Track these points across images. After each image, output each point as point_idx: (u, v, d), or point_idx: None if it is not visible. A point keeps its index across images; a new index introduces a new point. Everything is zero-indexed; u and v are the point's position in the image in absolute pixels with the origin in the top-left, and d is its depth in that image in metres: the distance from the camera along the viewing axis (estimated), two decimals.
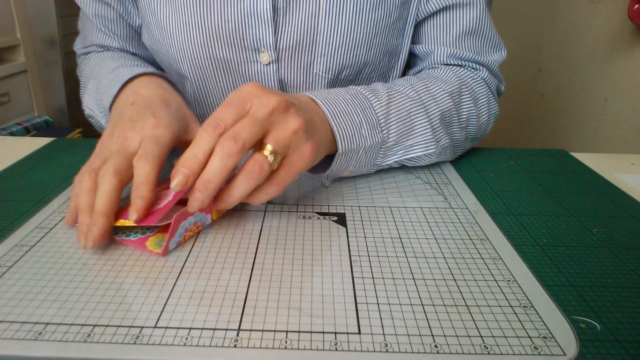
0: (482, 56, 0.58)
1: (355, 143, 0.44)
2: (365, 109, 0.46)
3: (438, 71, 0.56)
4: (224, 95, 0.59)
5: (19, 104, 1.55)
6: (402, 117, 0.47)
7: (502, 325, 0.29)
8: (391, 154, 0.48)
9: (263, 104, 0.36)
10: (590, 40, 1.29)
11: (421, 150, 0.49)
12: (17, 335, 0.28)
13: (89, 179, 0.38)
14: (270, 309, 0.30)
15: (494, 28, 0.59)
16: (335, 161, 0.44)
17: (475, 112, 0.54)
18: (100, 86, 0.52)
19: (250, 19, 0.52)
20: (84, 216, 0.37)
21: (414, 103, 0.48)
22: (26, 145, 0.59)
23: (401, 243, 0.38)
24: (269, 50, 0.54)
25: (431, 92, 0.50)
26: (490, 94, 0.57)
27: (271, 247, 0.37)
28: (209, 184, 0.34)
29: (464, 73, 0.56)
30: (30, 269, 0.34)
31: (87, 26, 0.62)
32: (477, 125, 0.55)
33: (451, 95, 0.51)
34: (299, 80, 0.57)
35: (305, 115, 0.39)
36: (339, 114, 0.44)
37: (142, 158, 0.38)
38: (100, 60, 0.57)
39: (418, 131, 0.48)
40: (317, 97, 0.44)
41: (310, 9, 0.52)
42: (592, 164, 0.56)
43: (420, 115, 0.48)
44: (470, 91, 0.54)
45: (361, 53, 0.55)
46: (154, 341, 0.28)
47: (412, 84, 0.51)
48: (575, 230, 0.41)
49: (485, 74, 0.58)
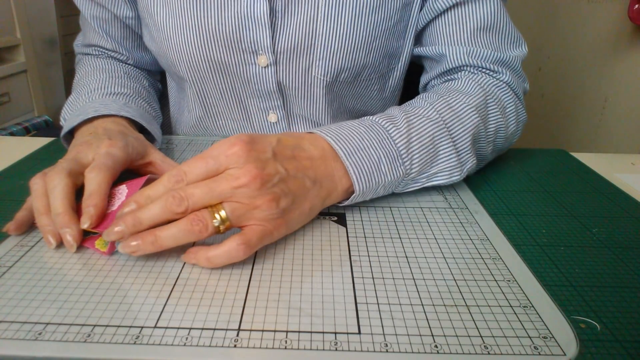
0: (502, 52, 0.53)
1: (374, 181, 0.40)
2: (382, 140, 0.41)
3: (459, 83, 0.51)
4: (224, 97, 0.59)
5: (19, 104, 1.55)
6: (425, 144, 0.43)
7: (502, 325, 0.29)
8: (413, 183, 0.44)
9: (235, 176, 0.33)
10: (590, 40, 1.29)
11: (445, 178, 0.45)
12: (17, 335, 0.28)
13: (41, 181, 0.38)
14: (270, 309, 0.30)
15: (511, 23, 0.55)
16: (351, 200, 0.41)
17: (503, 123, 0.50)
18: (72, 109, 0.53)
19: (248, 22, 0.52)
20: (43, 218, 0.37)
21: (437, 126, 0.44)
22: (26, 145, 0.59)
23: (401, 243, 0.38)
24: (267, 53, 0.53)
25: (454, 110, 0.46)
26: (517, 100, 0.53)
27: (271, 247, 0.37)
28: (139, 225, 0.33)
29: (486, 81, 0.52)
30: (30, 269, 0.34)
31: (85, 25, 0.63)
32: (505, 136, 0.51)
33: (477, 109, 0.47)
34: (298, 83, 0.56)
35: (287, 186, 0.35)
36: (354, 151, 0.40)
37: (94, 169, 0.39)
38: (86, 74, 0.59)
39: (442, 158, 0.44)
40: (328, 134, 0.40)
41: (308, 12, 0.52)
42: (592, 164, 0.56)
43: (445, 139, 0.44)
44: (496, 101, 0.50)
45: (360, 56, 0.54)
46: (154, 341, 0.28)
47: (432, 102, 0.46)
48: (575, 230, 0.41)
49: (508, 77, 0.53)
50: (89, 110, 0.49)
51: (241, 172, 0.34)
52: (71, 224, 0.36)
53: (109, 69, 0.59)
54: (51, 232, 0.36)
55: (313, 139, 0.40)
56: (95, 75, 0.58)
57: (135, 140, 0.46)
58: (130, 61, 0.64)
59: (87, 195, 0.37)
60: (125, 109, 0.51)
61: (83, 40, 0.65)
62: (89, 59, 0.63)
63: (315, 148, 0.39)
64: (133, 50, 0.63)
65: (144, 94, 0.58)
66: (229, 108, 0.60)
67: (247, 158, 0.34)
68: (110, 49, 0.62)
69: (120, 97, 0.54)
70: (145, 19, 0.57)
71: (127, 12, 0.59)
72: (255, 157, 0.34)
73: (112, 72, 0.59)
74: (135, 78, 0.61)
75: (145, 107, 0.56)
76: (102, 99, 0.52)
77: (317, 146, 0.40)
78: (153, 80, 0.68)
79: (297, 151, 0.38)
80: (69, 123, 0.49)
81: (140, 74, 0.64)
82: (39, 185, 0.38)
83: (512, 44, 0.55)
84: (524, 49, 0.56)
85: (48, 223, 0.36)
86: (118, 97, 0.54)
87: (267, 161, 0.35)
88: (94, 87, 0.55)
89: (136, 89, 0.58)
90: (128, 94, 0.55)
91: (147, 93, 0.60)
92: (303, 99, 0.58)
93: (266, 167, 0.35)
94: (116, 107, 0.50)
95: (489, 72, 0.54)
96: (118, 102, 0.52)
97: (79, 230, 0.36)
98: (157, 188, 0.35)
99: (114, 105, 0.51)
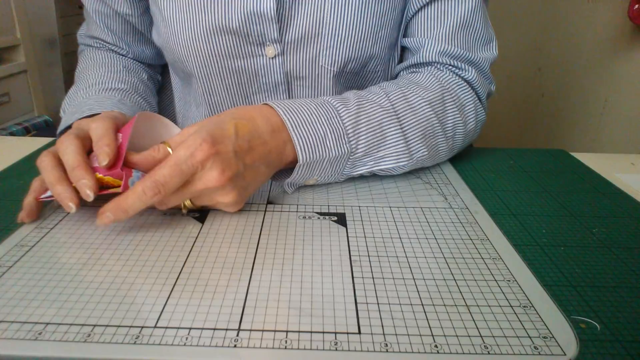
0: (472, 53, 0.55)
1: (318, 154, 0.43)
2: (331, 118, 0.44)
3: (419, 76, 0.53)
4: (231, 91, 0.59)
5: (19, 104, 1.55)
6: (373, 127, 0.46)
7: (502, 325, 0.29)
8: (360, 165, 0.47)
9: (203, 181, 0.38)
10: (590, 40, 1.29)
11: (392, 162, 0.47)
12: (17, 335, 0.28)
13: (48, 157, 0.40)
14: (270, 309, 0.30)
15: (487, 23, 0.56)
16: (296, 171, 0.44)
17: (461, 120, 0.52)
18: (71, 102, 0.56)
19: (255, 17, 0.52)
20: (57, 187, 0.38)
21: (387, 113, 0.47)
22: (26, 145, 0.59)
23: (401, 243, 0.38)
24: (274, 44, 0.54)
25: (409, 101, 0.48)
26: (477, 99, 0.54)
27: (271, 247, 0.37)
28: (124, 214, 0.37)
29: (447, 78, 0.53)
30: (30, 269, 0.34)
31: (88, 17, 0.65)
32: (464, 133, 0.53)
33: (431, 103, 0.49)
34: (305, 73, 0.57)
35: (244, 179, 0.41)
36: (301, 124, 0.43)
37: (97, 120, 0.41)
38: (86, 67, 0.61)
39: (390, 143, 0.47)
40: (279, 106, 0.44)
41: (316, 2, 0.52)
42: (592, 164, 0.56)
43: (393, 126, 0.47)
44: (454, 98, 0.51)
45: (367, 45, 0.55)
46: (154, 341, 0.28)
47: (388, 92, 0.49)
48: (575, 230, 0.41)
49: (473, 76, 0.54)
50: (84, 109, 0.51)
51: (208, 178, 0.38)
52: (87, 174, 0.37)
53: (109, 63, 0.61)
54: (68, 198, 0.37)
55: (265, 112, 0.43)
56: (94, 69, 0.60)
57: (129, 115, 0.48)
58: (130, 55, 0.65)
59: (97, 139, 0.39)
60: (119, 106, 0.52)
61: (86, 31, 0.66)
62: (91, 51, 0.65)
63: (267, 123, 0.42)
64: (133, 44, 0.65)
65: (140, 89, 0.60)
66: (234, 104, 0.61)
67: (213, 163, 0.38)
68: (111, 42, 0.64)
69: (117, 93, 0.56)
70: (155, 14, 0.58)
71: (127, 10, 0.61)
72: (220, 160, 0.38)
73: (111, 66, 0.61)
74: (135, 72, 0.63)
75: (140, 103, 0.58)
76: (97, 95, 0.54)
77: (269, 120, 0.43)
78: (153, 72, 0.69)
79: (253, 140, 0.41)
80: (65, 120, 0.52)
81: (140, 67, 0.66)
82: (47, 161, 0.39)
83: (484, 45, 0.56)
84: (495, 51, 0.57)
85: (63, 190, 0.38)
86: (114, 93, 0.56)
87: (230, 161, 0.39)
88: (92, 81, 0.57)
89: (133, 83, 0.60)
90: (125, 89, 0.57)
91: (144, 87, 0.62)
92: (310, 92, 0.58)
93: (229, 169, 0.39)
94: (110, 104, 0.52)
95: (454, 68, 0.55)
96: (113, 98, 0.54)
97: (95, 180, 0.37)
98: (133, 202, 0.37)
99: (108, 102, 0.53)
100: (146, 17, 0.62)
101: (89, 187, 0.37)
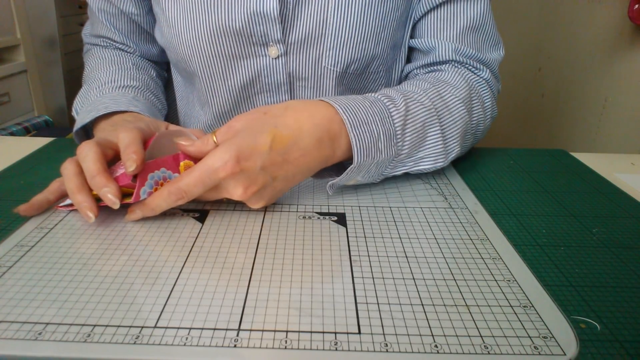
0: (483, 53, 0.57)
1: (371, 156, 0.42)
2: (384, 118, 0.43)
3: (446, 75, 0.54)
4: (233, 91, 0.59)
5: (19, 104, 1.55)
6: (417, 128, 0.45)
7: (502, 325, 0.29)
8: (401, 165, 0.47)
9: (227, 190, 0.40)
10: (590, 40, 1.29)
11: (430, 163, 0.47)
12: (17, 335, 0.28)
13: (71, 164, 0.40)
14: (270, 309, 0.30)
15: (495, 25, 0.58)
16: (346, 173, 0.43)
17: (483, 117, 0.53)
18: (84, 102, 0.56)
19: (258, 18, 0.52)
20: (77, 196, 0.39)
21: (429, 113, 0.46)
22: (26, 145, 0.59)
23: (401, 243, 0.38)
24: (278, 44, 0.54)
25: (444, 99, 0.48)
26: (492, 97, 0.56)
27: (271, 247, 0.38)
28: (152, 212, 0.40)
29: (470, 77, 0.54)
30: (30, 269, 0.34)
31: (93, 16, 0.64)
32: (483, 129, 0.55)
33: (464, 102, 0.50)
34: (308, 73, 0.57)
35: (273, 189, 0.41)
36: (359, 124, 0.42)
37: (124, 130, 0.41)
38: (96, 67, 0.61)
39: (430, 144, 0.46)
40: (336, 103, 0.42)
41: (319, 3, 0.52)
42: (592, 164, 0.56)
43: (434, 126, 0.46)
44: (478, 96, 0.53)
45: (370, 46, 0.55)
46: (154, 341, 0.28)
47: (425, 90, 0.48)
48: (575, 230, 0.41)
49: (487, 75, 0.56)
50: (100, 107, 0.51)
51: (231, 192, 0.40)
52: (109, 182, 0.38)
53: (118, 61, 0.61)
54: (88, 207, 0.38)
55: (319, 117, 0.41)
56: (105, 67, 0.60)
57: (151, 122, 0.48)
58: (137, 53, 0.65)
59: (124, 147, 0.40)
60: (134, 103, 0.53)
61: (91, 30, 0.66)
62: (98, 50, 0.65)
63: (315, 132, 0.41)
64: (140, 43, 0.65)
65: (151, 86, 0.61)
66: (237, 106, 0.61)
67: (237, 181, 0.39)
68: (118, 41, 0.64)
69: (130, 90, 0.56)
70: (158, 14, 0.58)
71: (133, 9, 0.61)
72: (244, 177, 0.39)
73: (121, 64, 0.61)
74: (144, 69, 0.63)
75: (152, 100, 0.59)
76: (112, 93, 0.54)
77: (318, 127, 0.41)
78: (160, 70, 0.69)
79: (290, 153, 0.40)
80: (81, 118, 0.52)
81: (148, 64, 0.66)
82: (70, 169, 0.40)
83: (493, 46, 0.58)
84: (502, 52, 0.59)
85: (83, 199, 0.38)
86: (127, 90, 0.56)
87: (256, 178, 0.39)
88: (104, 80, 0.57)
89: (144, 80, 0.60)
90: (137, 86, 0.58)
91: (154, 84, 0.62)
92: (312, 92, 0.58)
93: (254, 184, 0.39)
94: (125, 101, 0.53)
95: (472, 68, 0.56)
96: (127, 95, 0.54)
97: (118, 188, 0.38)
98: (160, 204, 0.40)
99: (123, 99, 0.53)
100: (151, 16, 0.62)
101: (112, 193, 0.38)
